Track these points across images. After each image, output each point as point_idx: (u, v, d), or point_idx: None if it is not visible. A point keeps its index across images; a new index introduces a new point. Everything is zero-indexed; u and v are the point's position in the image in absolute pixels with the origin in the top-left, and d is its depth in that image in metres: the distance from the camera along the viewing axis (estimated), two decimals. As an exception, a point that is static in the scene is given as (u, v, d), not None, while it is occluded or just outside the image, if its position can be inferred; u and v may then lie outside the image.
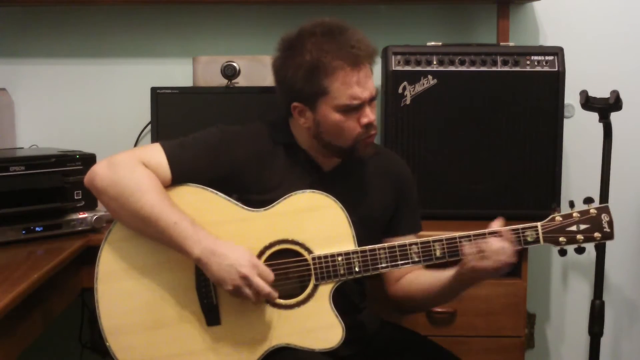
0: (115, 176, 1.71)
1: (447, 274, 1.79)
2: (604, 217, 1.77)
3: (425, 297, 1.87)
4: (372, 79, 1.77)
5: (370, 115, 1.76)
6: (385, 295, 1.95)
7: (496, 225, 1.76)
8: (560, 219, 1.77)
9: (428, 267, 1.85)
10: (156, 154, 1.76)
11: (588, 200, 1.78)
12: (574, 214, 1.77)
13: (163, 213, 1.67)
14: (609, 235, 1.77)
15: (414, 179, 1.99)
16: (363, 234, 1.80)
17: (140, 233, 1.73)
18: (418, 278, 1.88)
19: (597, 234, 1.77)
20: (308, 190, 1.77)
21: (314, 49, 1.73)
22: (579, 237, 1.77)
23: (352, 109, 1.74)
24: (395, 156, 2.02)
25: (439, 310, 2.22)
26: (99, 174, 1.72)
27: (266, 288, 1.66)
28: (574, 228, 1.77)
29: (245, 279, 1.65)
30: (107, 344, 1.74)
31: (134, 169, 1.71)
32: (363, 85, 1.73)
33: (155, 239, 1.71)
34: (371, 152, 1.84)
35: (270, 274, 1.68)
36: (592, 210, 1.77)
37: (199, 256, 1.67)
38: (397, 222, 1.93)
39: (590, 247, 1.82)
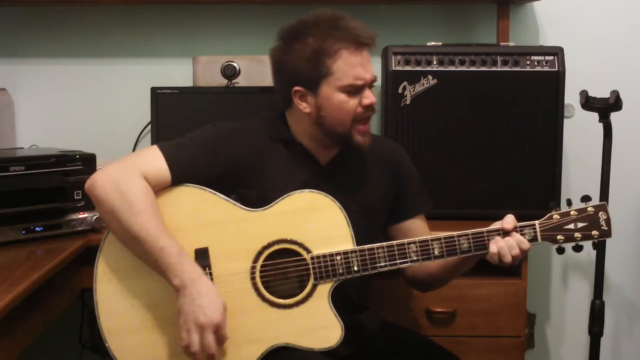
0: (111, 191, 1.70)
1: None
2: (602, 215, 1.78)
3: (442, 270, 1.88)
4: (371, 63, 1.81)
5: (372, 96, 1.80)
6: (404, 278, 1.96)
7: (509, 220, 1.76)
8: (558, 217, 1.78)
9: None
10: (155, 159, 1.76)
11: (585, 199, 1.78)
12: (572, 212, 1.78)
13: (151, 237, 1.67)
14: (607, 233, 1.78)
15: (410, 160, 2.00)
16: (364, 225, 1.82)
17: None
18: None
19: (594, 232, 1.77)
20: (306, 190, 1.77)
21: (316, 33, 1.77)
22: (577, 235, 1.77)
23: (355, 90, 1.78)
24: (390, 142, 2.05)
25: (439, 310, 2.22)
26: (99, 184, 1.72)
27: (212, 349, 1.64)
28: (571, 226, 1.77)
29: (200, 327, 1.64)
30: (107, 344, 1.74)
31: (131, 185, 1.70)
32: (365, 67, 1.79)
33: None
34: (368, 143, 1.84)
35: (224, 338, 1.67)
36: (589, 209, 1.78)
37: (177, 287, 1.67)
38: (401, 207, 1.95)
39: (589, 246, 1.82)
